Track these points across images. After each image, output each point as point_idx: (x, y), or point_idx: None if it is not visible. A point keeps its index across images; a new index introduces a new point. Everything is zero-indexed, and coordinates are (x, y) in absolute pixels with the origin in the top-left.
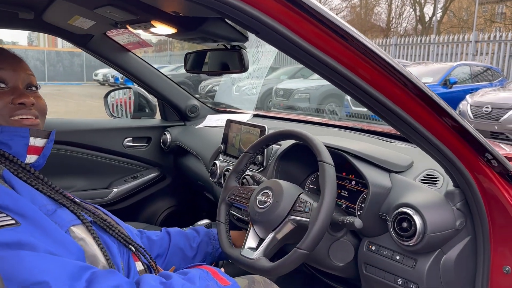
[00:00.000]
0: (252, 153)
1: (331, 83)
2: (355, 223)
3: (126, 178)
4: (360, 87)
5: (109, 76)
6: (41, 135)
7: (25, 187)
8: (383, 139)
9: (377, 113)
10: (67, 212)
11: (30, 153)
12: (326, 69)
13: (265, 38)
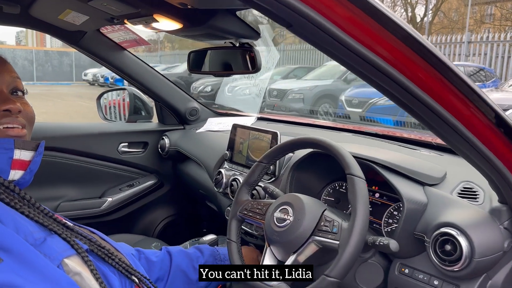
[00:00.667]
0: (266, 163)
1: (373, 85)
2: (390, 245)
3: (121, 187)
4: (411, 91)
5: (98, 76)
6: (28, 147)
7: (7, 211)
8: (403, 145)
9: (422, 120)
10: (58, 240)
11: (15, 168)
12: (372, 69)
13: (298, 31)
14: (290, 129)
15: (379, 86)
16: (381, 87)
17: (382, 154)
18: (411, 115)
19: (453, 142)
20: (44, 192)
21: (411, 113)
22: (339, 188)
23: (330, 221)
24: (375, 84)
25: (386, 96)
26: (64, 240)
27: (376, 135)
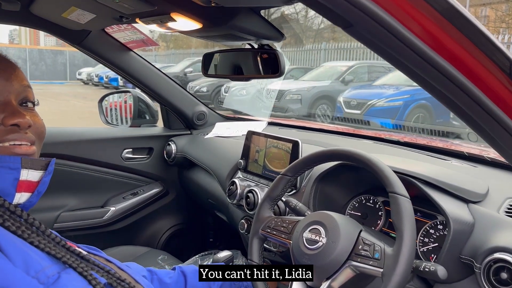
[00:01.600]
0: (291, 176)
1: (438, 97)
2: (438, 272)
3: (125, 195)
4: (483, 106)
5: (93, 75)
6: (36, 166)
7: (15, 243)
8: (433, 155)
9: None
10: (74, 276)
11: (21, 190)
12: (440, 78)
13: (358, 32)
14: (306, 136)
15: (445, 98)
16: (447, 100)
17: (420, 168)
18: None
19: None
20: (43, 202)
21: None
22: (366, 202)
23: (370, 244)
24: (441, 95)
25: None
26: (81, 275)
27: (398, 142)
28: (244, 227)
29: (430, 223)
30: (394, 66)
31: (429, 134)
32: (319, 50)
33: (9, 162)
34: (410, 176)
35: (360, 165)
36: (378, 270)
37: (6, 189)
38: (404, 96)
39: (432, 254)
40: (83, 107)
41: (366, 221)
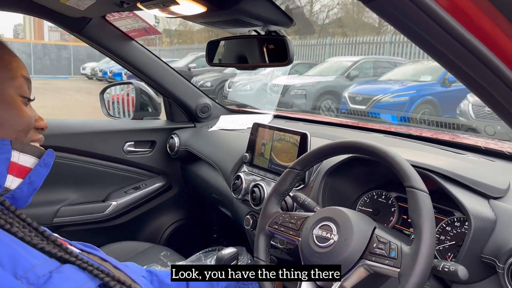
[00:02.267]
0: (300, 170)
1: (467, 83)
2: (459, 272)
3: (127, 189)
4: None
5: (97, 70)
6: (28, 150)
7: (3, 238)
8: (447, 149)
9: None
10: (67, 275)
11: (12, 172)
12: (473, 61)
13: (381, 7)
14: (313, 129)
15: (475, 84)
16: (477, 86)
17: (437, 161)
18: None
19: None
20: (43, 196)
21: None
22: (378, 198)
23: (385, 242)
24: (471, 81)
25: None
26: (80, 267)
27: (410, 136)
28: (249, 223)
29: (447, 220)
30: (418, 46)
31: (438, 127)
32: (324, 45)
33: (1, 142)
34: (427, 169)
35: (375, 159)
36: (394, 270)
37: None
38: (410, 92)
39: (448, 253)
40: (86, 101)
41: (378, 218)
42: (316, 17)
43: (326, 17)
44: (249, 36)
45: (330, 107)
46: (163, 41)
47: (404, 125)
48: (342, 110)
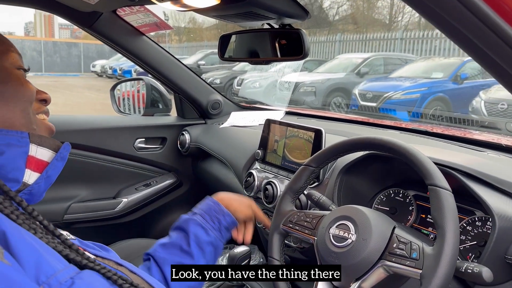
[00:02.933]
0: (315, 167)
1: (493, 72)
2: (483, 274)
3: (137, 186)
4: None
5: (107, 67)
6: (45, 144)
7: (27, 241)
8: (466, 146)
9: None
10: (88, 282)
11: (30, 167)
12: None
13: None
14: (326, 126)
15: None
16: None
17: (459, 158)
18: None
19: None
20: (53, 192)
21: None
22: (395, 196)
23: (406, 243)
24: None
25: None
26: (104, 276)
27: (427, 133)
28: (270, 225)
29: (467, 219)
30: (452, 38)
31: (450, 122)
32: (334, 42)
33: (18, 136)
34: (448, 167)
35: (395, 155)
36: (416, 271)
37: (16, 161)
38: (421, 89)
39: (469, 253)
40: (96, 98)
41: (395, 217)
42: (326, 14)
43: (336, 14)
44: (263, 30)
45: (340, 104)
46: (172, 38)
47: (417, 121)
48: (352, 107)
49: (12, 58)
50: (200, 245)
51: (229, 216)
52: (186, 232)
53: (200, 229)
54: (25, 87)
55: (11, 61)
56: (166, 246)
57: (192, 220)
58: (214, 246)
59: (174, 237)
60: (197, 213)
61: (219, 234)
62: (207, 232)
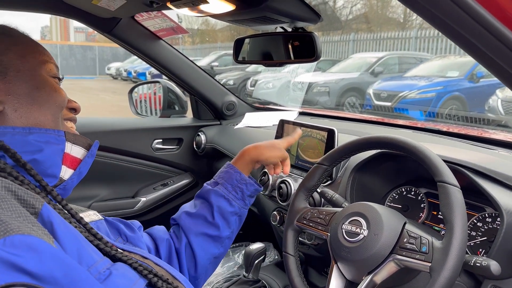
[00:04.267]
0: (328, 166)
1: (500, 77)
2: (491, 267)
3: (155, 186)
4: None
5: (121, 70)
6: (79, 142)
7: (70, 232)
8: (477, 145)
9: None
10: (121, 272)
11: (66, 163)
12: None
13: (420, 5)
14: (339, 125)
15: None
16: None
17: (468, 156)
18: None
19: None
20: (75, 192)
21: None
22: (407, 194)
23: (416, 237)
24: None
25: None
26: (136, 270)
27: (439, 132)
28: (276, 219)
29: (478, 216)
30: (453, 40)
31: (466, 122)
32: (348, 41)
33: (55, 134)
34: (458, 164)
35: (405, 153)
36: (426, 264)
37: (54, 158)
38: (437, 88)
39: (479, 249)
40: (112, 101)
41: (407, 214)
42: (340, 13)
43: (350, 13)
44: (276, 33)
45: (354, 104)
46: (185, 40)
47: (431, 121)
48: (366, 107)
49: (49, 67)
50: (224, 216)
51: (251, 184)
52: (210, 203)
53: (223, 200)
54: (58, 93)
55: (48, 70)
56: (192, 216)
57: (214, 191)
58: (238, 215)
59: (198, 206)
60: (219, 182)
61: (243, 203)
62: (230, 203)
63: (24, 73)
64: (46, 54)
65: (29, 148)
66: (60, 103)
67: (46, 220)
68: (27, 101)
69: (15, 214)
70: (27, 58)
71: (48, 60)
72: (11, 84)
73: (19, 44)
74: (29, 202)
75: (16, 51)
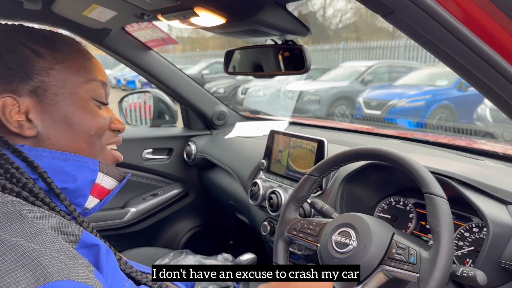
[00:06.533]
0: (318, 176)
1: (481, 90)
2: (477, 277)
3: (145, 196)
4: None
5: (111, 77)
6: (111, 173)
7: (109, 257)
8: (465, 155)
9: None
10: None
11: (94, 193)
12: (490, 72)
13: (399, 20)
14: (329, 135)
15: (492, 93)
16: (494, 94)
17: (455, 167)
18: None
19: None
20: None
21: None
22: (396, 204)
23: (404, 248)
24: (489, 90)
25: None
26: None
27: (427, 142)
28: (266, 229)
29: (465, 226)
30: (435, 56)
31: (455, 133)
32: (338, 50)
33: (89, 164)
34: (445, 176)
35: (393, 165)
36: (413, 275)
37: (84, 188)
38: (426, 96)
39: (467, 259)
40: None
41: (396, 224)
42: (330, 22)
43: (340, 22)
44: (266, 46)
45: (344, 113)
46: (175, 48)
47: (420, 130)
48: (356, 116)
49: (92, 87)
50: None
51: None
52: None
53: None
54: (96, 120)
55: (89, 91)
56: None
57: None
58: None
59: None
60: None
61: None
62: None
63: (64, 96)
64: (93, 70)
65: (63, 177)
66: (97, 131)
67: (89, 244)
68: (62, 128)
69: (55, 247)
70: (69, 78)
71: (93, 78)
72: (47, 109)
73: (65, 61)
74: (69, 230)
75: (60, 70)
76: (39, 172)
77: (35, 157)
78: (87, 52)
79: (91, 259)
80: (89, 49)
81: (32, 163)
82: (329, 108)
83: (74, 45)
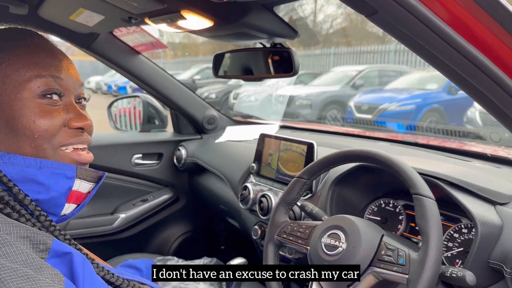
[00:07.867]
0: (307, 179)
1: (469, 92)
2: (466, 278)
3: (135, 201)
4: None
5: (102, 84)
6: (89, 178)
7: (83, 267)
8: (454, 157)
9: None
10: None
11: (70, 201)
12: (474, 71)
13: (383, 20)
14: (319, 139)
15: (478, 94)
16: (479, 95)
17: (443, 168)
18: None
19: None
20: None
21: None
22: (386, 206)
23: (393, 249)
24: (473, 90)
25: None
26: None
27: (417, 144)
28: (257, 233)
29: (454, 227)
30: (420, 56)
31: (445, 135)
32: (329, 55)
33: (66, 171)
34: (433, 177)
35: (382, 166)
36: (403, 276)
37: (58, 198)
38: (416, 100)
39: (456, 259)
40: (92, 115)
41: (386, 226)
42: (320, 27)
43: (330, 27)
44: (255, 49)
45: (336, 117)
46: (167, 54)
47: (411, 133)
48: (347, 120)
49: (37, 84)
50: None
51: None
52: None
53: None
54: (38, 122)
55: (34, 88)
56: None
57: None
58: None
59: None
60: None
61: None
62: None
63: (3, 99)
64: (39, 65)
65: (36, 187)
66: (42, 134)
67: (61, 252)
68: (5, 132)
69: (20, 259)
70: (11, 78)
71: (39, 75)
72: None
73: (6, 61)
74: (38, 239)
75: (2, 69)
76: (9, 186)
77: (7, 165)
78: (38, 44)
79: (64, 268)
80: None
81: (2, 178)
82: (320, 112)
83: (19, 40)
